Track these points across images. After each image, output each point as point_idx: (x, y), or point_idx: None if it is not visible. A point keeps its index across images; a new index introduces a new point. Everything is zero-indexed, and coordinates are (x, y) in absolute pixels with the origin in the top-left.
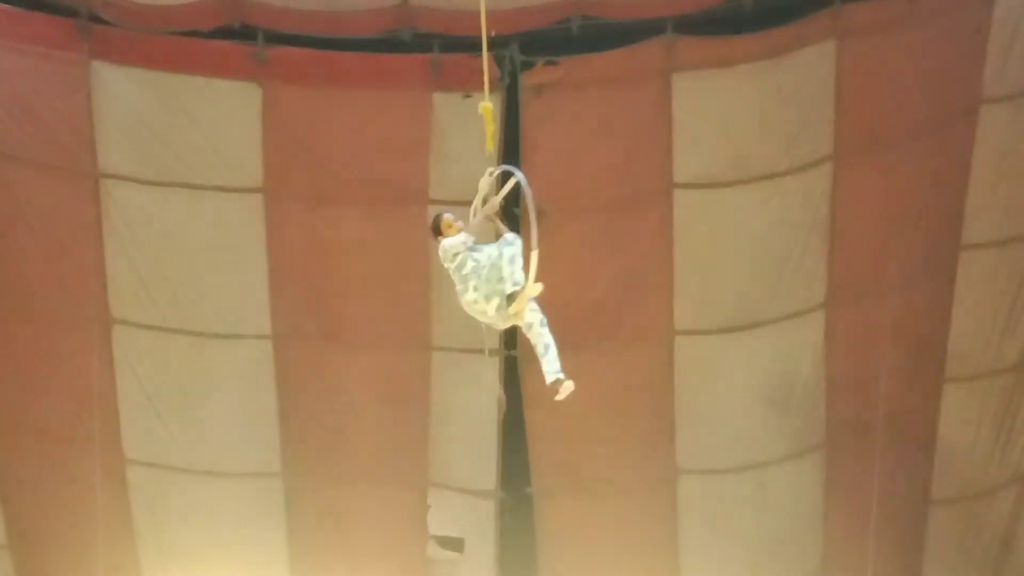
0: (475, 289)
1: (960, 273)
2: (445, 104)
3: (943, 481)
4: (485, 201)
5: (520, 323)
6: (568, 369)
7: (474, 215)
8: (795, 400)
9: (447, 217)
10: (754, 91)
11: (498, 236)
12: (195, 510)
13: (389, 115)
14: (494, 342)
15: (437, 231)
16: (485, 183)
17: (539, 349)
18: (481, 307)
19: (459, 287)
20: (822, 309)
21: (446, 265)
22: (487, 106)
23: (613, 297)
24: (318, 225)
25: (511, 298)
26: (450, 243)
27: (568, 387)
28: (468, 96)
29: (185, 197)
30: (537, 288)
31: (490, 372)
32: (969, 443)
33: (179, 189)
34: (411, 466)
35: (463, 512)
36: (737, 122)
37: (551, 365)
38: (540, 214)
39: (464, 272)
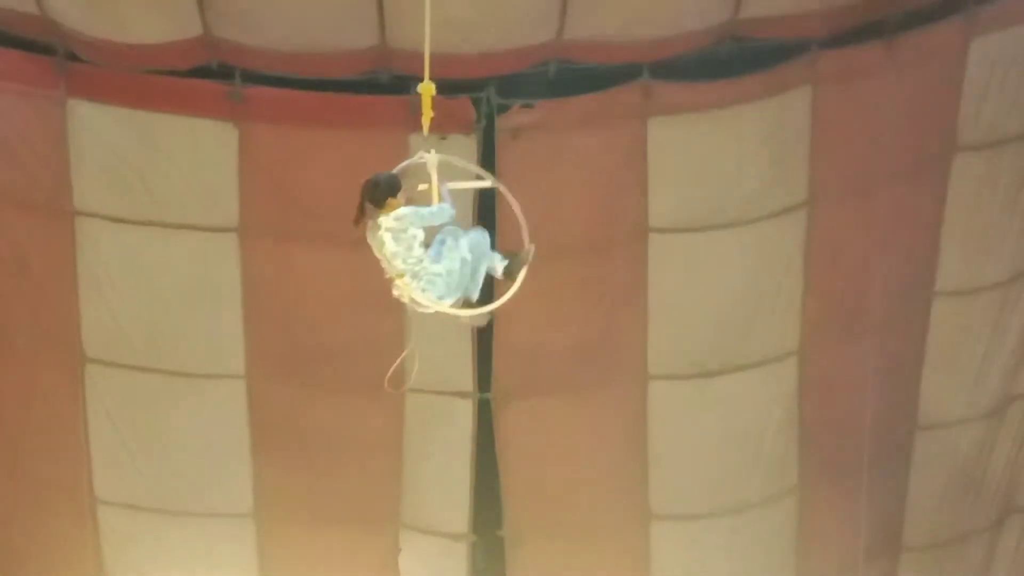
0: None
1: (933, 320)
2: (421, 145)
3: (915, 528)
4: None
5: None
6: (541, 413)
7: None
8: (768, 445)
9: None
10: (730, 136)
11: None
12: (166, 551)
13: (366, 155)
14: (468, 386)
15: (391, 191)
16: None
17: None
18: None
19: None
20: (795, 355)
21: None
22: (427, 86)
23: (586, 340)
24: (294, 265)
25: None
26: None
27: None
28: (444, 138)
29: (160, 236)
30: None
31: (464, 414)
32: (941, 490)
33: (154, 228)
34: (383, 508)
35: (435, 555)
36: (713, 167)
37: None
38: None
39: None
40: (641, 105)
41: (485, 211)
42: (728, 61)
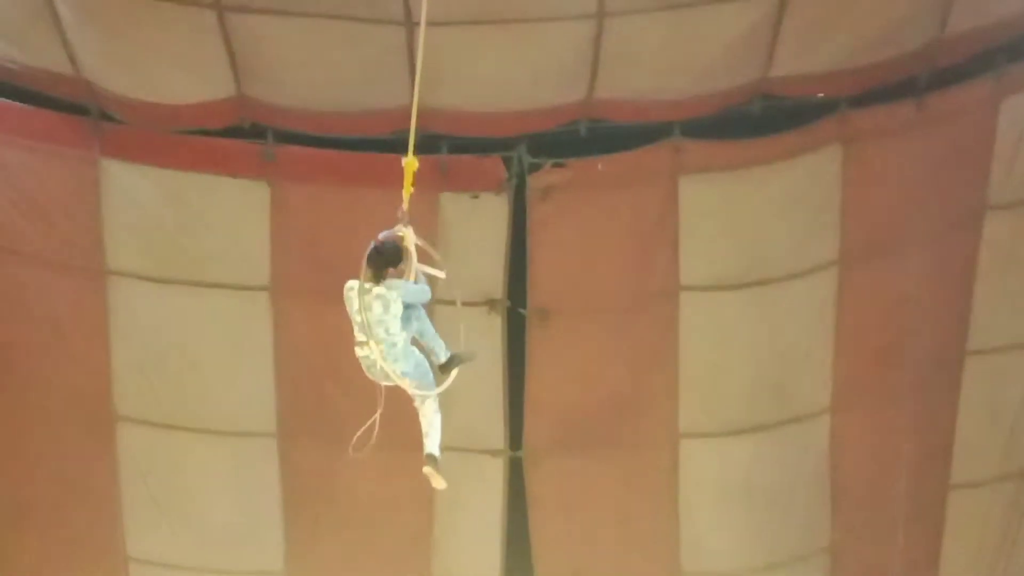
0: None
1: (965, 378)
2: (452, 204)
3: None
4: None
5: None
6: (572, 472)
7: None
8: (799, 504)
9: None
10: (761, 195)
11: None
12: None
13: (396, 214)
14: (500, 444)
15: (393, 261)
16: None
17: (423, 426)
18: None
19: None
20: (828, 413)
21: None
22: (411, 161)
23: (618, 399)
24: (325, 324)
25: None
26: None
27: (432, 476)
28: (475, 196)
29: (192, 295)
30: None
31: (495, 472)
32: (974, 550)
33: (187, 287)
34: (414, 567)
35: None
36: (744, 225)
37: (429, 446)
38: (547, 314)
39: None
40: (672, 163)
41: (516, 265)
42: (759, 120)
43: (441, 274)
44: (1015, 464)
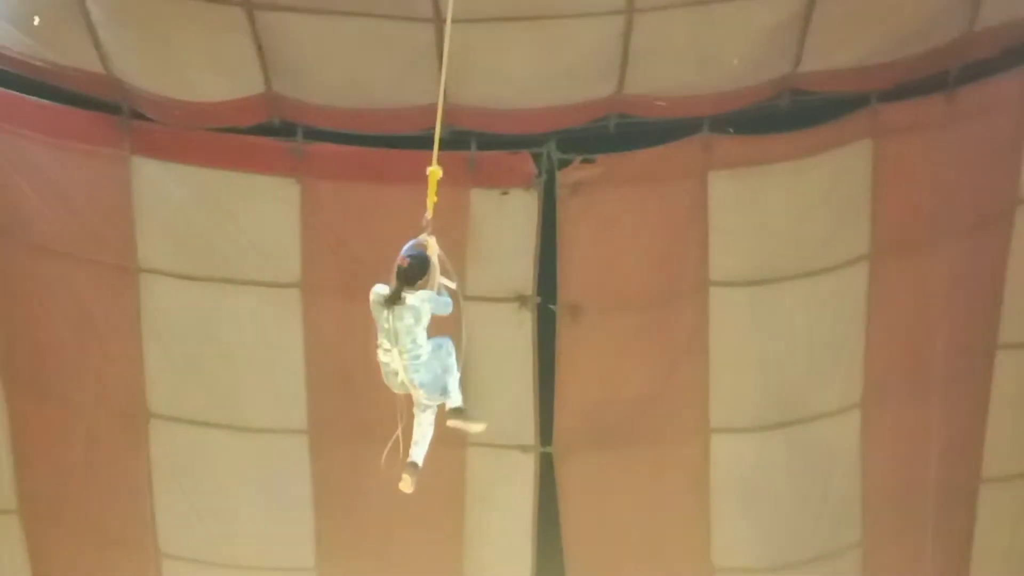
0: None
1: (996, 372)
2: (482, 200)
3: None
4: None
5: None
6: (604, 468)
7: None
8: (831, 500)
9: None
10: (790, 190)
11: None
12: None
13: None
14: (530, 440)
15: (422, 274)
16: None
17: (415, 434)
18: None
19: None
20: (858, 408)
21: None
22: (434, 170)
23: (648, 394)
24: (355, 320)
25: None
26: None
27: (406, 483)
28: (505, 193)
29: (224, 292)
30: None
31: (526, 468)
32: (1006, 544)
33: (218, 284)
34: (446, 564)
35: None
36: (773, 220)
37: (414, 455)
38: (577, 310)
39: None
40: (701, 159)
41: (546, 262)
42: (788, 115)
43: (453, 285)
44: None
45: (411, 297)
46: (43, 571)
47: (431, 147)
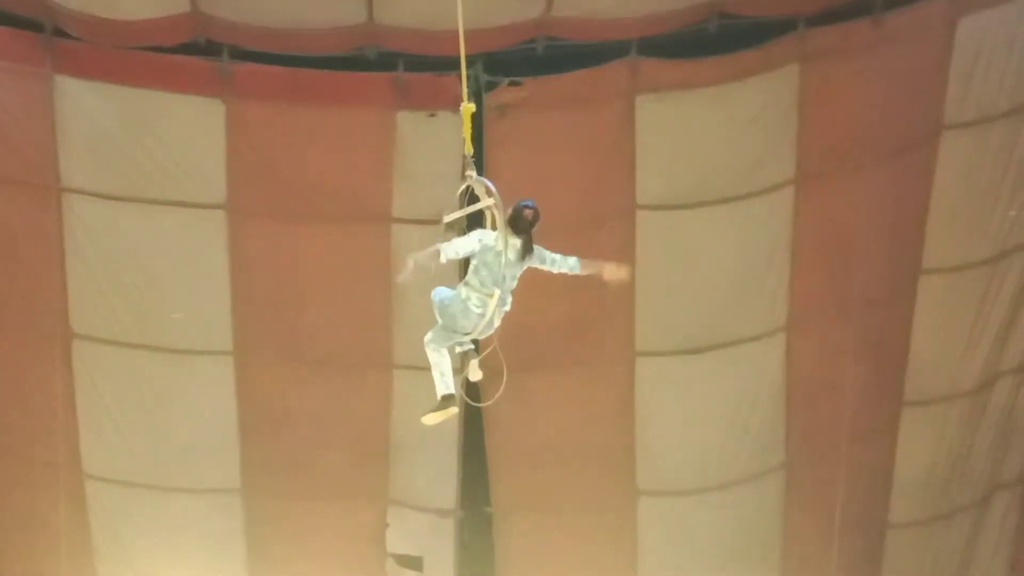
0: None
1: (920, 297)
2: (409, 122)
3: (901, 505)
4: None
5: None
6: (530, 389)
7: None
8: (755, 422)
9: None
10: (718, 114)
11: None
12: (154, 526)
13: (353, 133)
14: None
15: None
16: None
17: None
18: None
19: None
20: (783, 331)
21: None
22: (468, 106)
23: (574, 318)
24: (281, 242)
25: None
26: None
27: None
28: (432, 115)
29: (148, 212)
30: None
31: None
32: (927, 467)
33: (142, 204)
34: (371, 484)
35: (422, 530)
36: (700, 144)
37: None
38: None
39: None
40: (629, 82)
41: None
42: (716, 39)
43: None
44: (966, 384)
45: (512, 240)
46: None
47: (358, 69)
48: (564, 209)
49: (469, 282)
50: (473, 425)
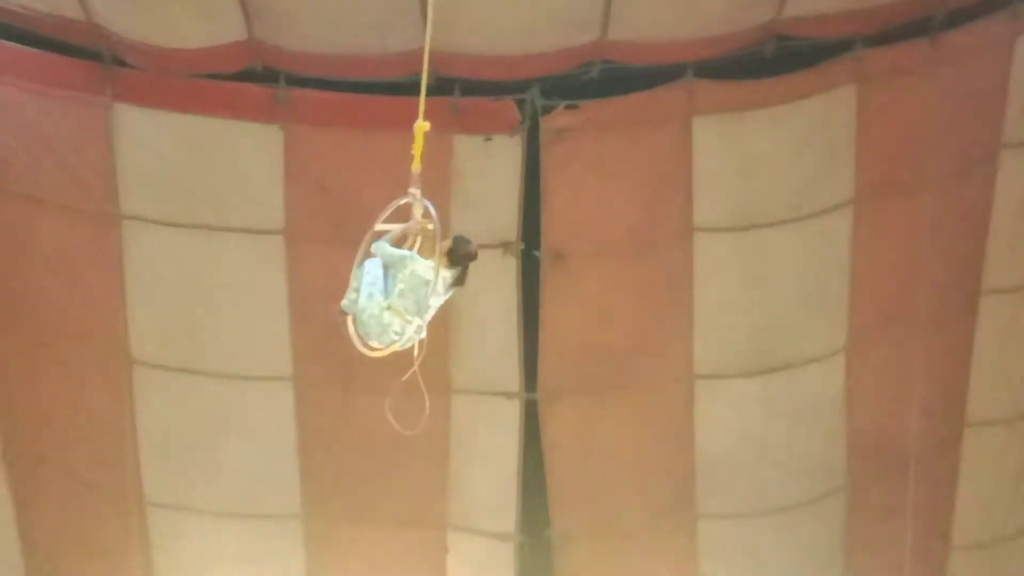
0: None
1: (981, 317)
2: (466, 147)
3: (964, 527)
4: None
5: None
6: (588, 412)
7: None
8: (816, 444)
9: None
10: (775, 135)
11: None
12: (214, 552)
13: (409, 157)
14: (515, 386)
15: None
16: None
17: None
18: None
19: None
20: (843, 353)
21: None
22: (422, 125)
23: (633, 341)
24: (339, 267)
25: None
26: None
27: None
28: (489, 139)
29: (206, 239)
30: None
31: (511, 414)
32: (990, 488)
33: (200, 231)
34: (430, 509)
35: (482, 556)
36: (758, 166)
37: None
38: (561, 256)
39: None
40: (685, 105)
41: (530, 208)
42: (773, 60)
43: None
44: None
45: (445, 272)
46: (29, 516)
47: (415, 93)
48: (621, 232)
49: (394, 305)
50: (532, 448)
